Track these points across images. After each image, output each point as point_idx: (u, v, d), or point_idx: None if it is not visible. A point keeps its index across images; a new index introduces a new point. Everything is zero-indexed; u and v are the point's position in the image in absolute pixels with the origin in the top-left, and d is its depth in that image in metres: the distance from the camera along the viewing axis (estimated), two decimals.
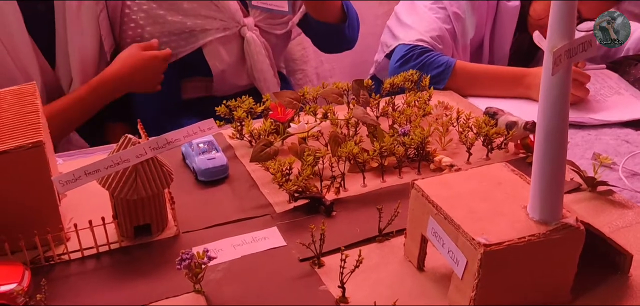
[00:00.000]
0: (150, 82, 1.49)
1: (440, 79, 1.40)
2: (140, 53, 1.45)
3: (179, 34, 1.47)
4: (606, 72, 1.51)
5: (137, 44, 1.47)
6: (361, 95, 1.18)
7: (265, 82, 1.55)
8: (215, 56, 1.50)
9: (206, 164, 1.05)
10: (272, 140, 1.04)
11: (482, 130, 1.09)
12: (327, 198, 0.98)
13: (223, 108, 1.16)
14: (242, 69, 1.55)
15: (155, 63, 1.46)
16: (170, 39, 1.47)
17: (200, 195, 1.03)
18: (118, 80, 1.44)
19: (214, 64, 1.51)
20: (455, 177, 0.84)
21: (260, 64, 1.52)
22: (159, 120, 1.50)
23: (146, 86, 1.49)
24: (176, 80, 1.55)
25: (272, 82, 1.56)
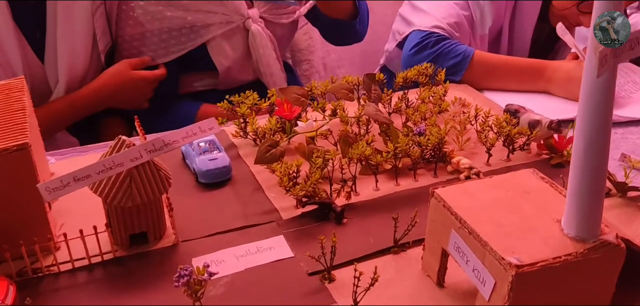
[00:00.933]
0: (136, 101, 1.43)
1: (457, 70, 1.33)
2: (128, 73, 1.39)
3: (180, 30, 1.38)
4: (630, 65, 1.43)
5: (128, 61, 1.40)
6: (373, 90, 1.11)
7: (271, 76, 1.47)
8: (219, 52, 1.42)
9: (207, 165, 0.98)
10: (278, 140, 0.97)
11: (503, 130, 1.02)
12: (338, 204, 0.91)
13: (225, 104, 1.09)
14: (247, 64, 1.48)
15: (144, 84, 1.40)
16: (171, 36, 1.39)
17: (200, 198, 0.96)
18: (100, 97, 1.39)
19: (219, 60, 1.43)
20: (479, 184, 0.77)
21: (266, 58, 1.45)
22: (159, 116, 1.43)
23: (131, 105, 1.43)
24: (177, 75, 1.47)
25: (279, 76, 1.48)
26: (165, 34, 1.38)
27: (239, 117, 1.08)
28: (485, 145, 1.02)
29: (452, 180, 1.00)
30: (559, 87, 1.28)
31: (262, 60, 1.46)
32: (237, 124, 1.09)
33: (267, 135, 1.02)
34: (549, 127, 1.03)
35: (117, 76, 1.39)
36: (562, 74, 1.27)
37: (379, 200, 0.95)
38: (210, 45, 1.41)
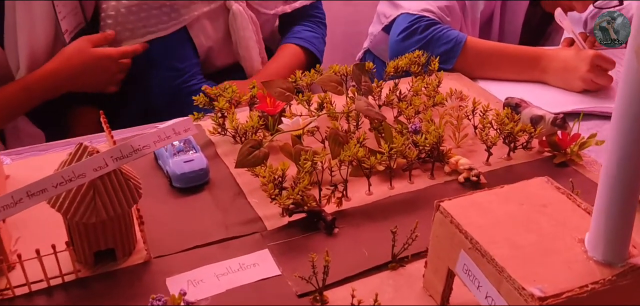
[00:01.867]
0: (101, 83, 1.28)
1: (449, 58, 1.24)
2: (88, 50, 1.24)
3: (160, 9, 1.27)
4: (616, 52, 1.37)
5: (88, 38, 1.25)
6: (363, 82, 1.02)
7: (250, 60, 1.37)
8: (201, 31, 1.32)
9: (182, 168, 0.88)
10: (260, 139, 0.88)
11: (504, 127, 0.94)
12: (328, 212, 0.82)
13: (202, 97, 0.99)
14: (227, 46, 1.37)
15: (108, 62, 1.26)
16: (150, 15, 1.27)
17: (175, 205, 0.87)
18: (58, 80, 1.23)
19: (201, 40, 1.32)
20: (489, 197, 0.69)
21: (245, 41, 1.35)
22: None
23: (96, 87, 1.29)
24: None
25: (258, 61, 1.39)
26: (144, 12, 1.25)
27: (217, 112, 0.98)
28: (485, 143, 0.94)
29: (451, 181, 0.92)
30: (555, 77, 1.21)
31: (241, 43, 1.36)
32: (215, 120, 0.99)
33: (248, 134, 0.93)
34: (554, 123, 0.95)
35: (75, 55, 1.24)
36: (559, 64, 1.20)
37: (373, 205, 0.87)
38: (191, 25, 1.30)
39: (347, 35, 1.91)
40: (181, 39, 1.30)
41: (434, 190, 0.90)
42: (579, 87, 1.18)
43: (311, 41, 1.47)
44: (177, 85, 1.30)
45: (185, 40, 1.31)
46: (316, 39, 1.50)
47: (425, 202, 0.87)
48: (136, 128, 1.08)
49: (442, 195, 0.89)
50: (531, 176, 0.94)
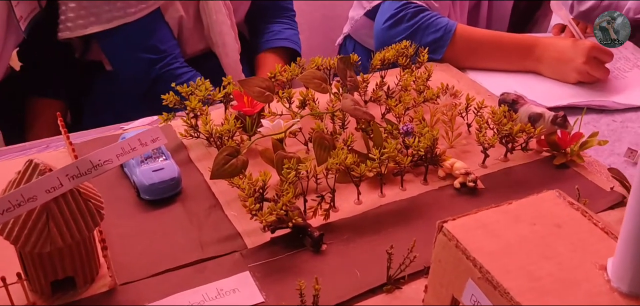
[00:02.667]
0: None
1: (438, 47, 1.17)
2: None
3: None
4: None
5: None
6: (348, 77, 0.93)
7: (224, 46, 1.27)
8: (175, 13, 1.21)
9: (151, 178, 0.79)
10: (238, 145, 0.79)
11: (502, 128, 0.87)
12: (314, 227, 0.74)
13: (172, 96, 0.90)
14: (200, 31, 1.27)
15: None
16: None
17: (143, 220, 0.78)
18: None
19: (173, 22, 1.22)
20: (497, 215, 0.62)
21: (219, 26, 1.25)
22: None
23: None
24: None
25: (232, 47, 1.28)
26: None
27: (189, 112, 0.89)
28: (482, 145, 0.88)
29: (445, 187, 0.85)
30: (549, 68, 1.15)
31: (214, 28, 1.26)
32: (187, 121, 0.89)
33: (224, 139, 0.84)
34: (554, 121, 0.89)
35: None
36: (553, 53, 1.14)
37: (363, 217, 0.79)
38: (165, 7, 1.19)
39: (326, 19, 1.82)
40: (157, 19, 1.20)
41: (428, 197, 0.83)
42: (574, 79, 1.12)
43: (294, 40, 1.39)
44: (159, 68, 1.20)
45: (162, 22, 1.21)
46: (296, 36, 1.41)
47: (419, 211, 0.80)
48: (100, 129, 0.98)
49: (436, 202, 0.82)
50: (530, 179, 0.88)
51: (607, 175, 0.89)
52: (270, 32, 1.39)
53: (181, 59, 1.23)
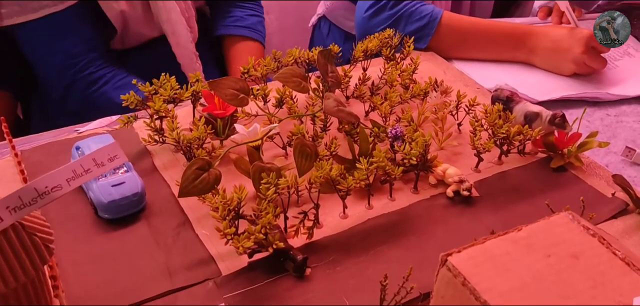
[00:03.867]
0: None
1: (423, 35, 1.09)
2: None
3: None
4: None
5: None
6: (329, 73, 0.85)
7: (173, 35, 1.14)
8: (115, 7, 1.08)
9: (110, 194, 0.70)
10: (209, 159, 0.70)
11: (498, 130, 0.80)
12: (296, 249, 0.67)
13: (132, 95, 0.80)
14: (150, 18, 1.14)
15: None
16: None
17: (103, 243, 0.69)
18: None
19: (115, 11, 1.09)
20: (506, 245, 0.55)
21: (166, 12, 1.11)
22: None
23: None
24: None
25: (183, 36, 1.14)
26: None
27: (152, 115, 0.79)
28: (477, 149, 0.81)
29: (437, 196, 0.78)
30: (543, 58, 1.08)
31: (161, 15, 1.12)
32: (150, 125, 0.80)
33: (193, 147, 0.75)
34: (552, 122, 0.83)
35: None
36: (548, 44, 1.07)
37: (349, 233, 0.72)
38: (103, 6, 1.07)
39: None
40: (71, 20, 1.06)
41: (419, 208, 0.76)
42: (569, 70, 1.06)
43: (258, 29, 1.29)
44: (72, 74, 1.08)
45: (81, 21, 1.08)
46: (261, 24, 1.31)
47: (411, 225, 0.73)
48: (51, 133, 0.87)
49: (428, 214, 0.75)
50: (527, 184, 0.82)
51: (606, 177, 0.83)
52: (232, 16, 1.28)
53: (99, 62, 1.10)
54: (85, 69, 1.07)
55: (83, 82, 1.07)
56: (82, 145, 0.75)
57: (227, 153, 0.76)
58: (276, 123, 0.78)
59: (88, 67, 1.07)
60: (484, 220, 0.75)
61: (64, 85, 1.09)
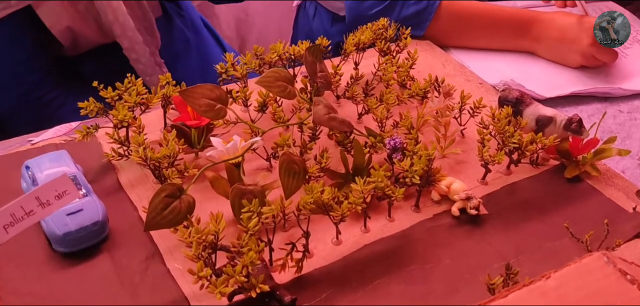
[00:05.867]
0: None
1: (420, 21, 0.99)
2: None
3: None
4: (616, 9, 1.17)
5: None
6: (319, 72, 0.75)
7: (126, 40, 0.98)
8: (51, 12, 0.93)
9: (66, 225, 0.60)
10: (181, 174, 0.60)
11: (509, 140, 0.71)
12: (283, 288, 0.58)
13: (92, 102, 0.69)
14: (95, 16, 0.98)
15: None
16: None
17: (58, 281, 0.59)
18: None
19: (52, 22, 0.94)
20: (535, 298, 0.46)
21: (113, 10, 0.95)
22: None
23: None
24: None
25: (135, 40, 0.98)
26: None
27: (116, 126, 0.69)
28: (484, 159, 0.72)
29: (441, 214, 0.70)
30: (548, 48, 0.99)
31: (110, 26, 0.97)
32: (114, 137, 0.69)
33: (163, 167, 0.65)
34: (567, 127, 0.74)
35: None
36: (554, 32, 0.97)
37: (343, 263, 0.63)
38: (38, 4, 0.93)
39: None
40: (18, 26, 0.93)
41: (421, 229, 0.68)
42: (576, 62, 0.97)
43: None
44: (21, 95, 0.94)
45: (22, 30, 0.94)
46: None
47: (413, 252, 0.65)
48: (1, 143, 0.77)
49: (432, 237, 0.67)
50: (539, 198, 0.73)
51: (624, 187, 0.75)
52: None
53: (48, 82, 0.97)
54: (31, 92, 0.94)
55: (31, 107, 0.94)
56: (33, 165, 0.64)
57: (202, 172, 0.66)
58: (259, 137, 0.68)
59: (35, 89, 0.94)
60: (493, 243, 0.66)
61: (9, 108, 0.96)
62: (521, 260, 0.64)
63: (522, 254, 0.65)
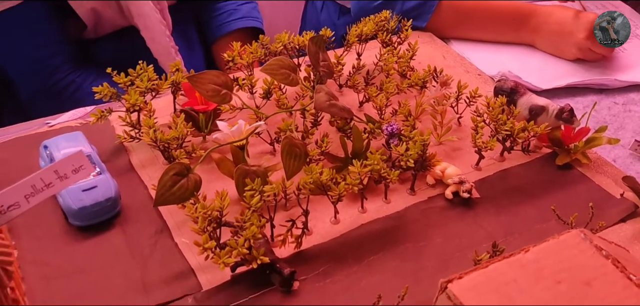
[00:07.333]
0: None
1: (421, 13, 1.02)
2: None
3: None
4: (616, 3, 1.19)
5: None
6: (321, 62, 0.79)
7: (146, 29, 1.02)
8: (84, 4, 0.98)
9: (81, 200, 0.64)
10: (188, 155, 0.64)
11: (502, 127, 0.75)
12: (283, 261, 0.62)
13: (105, 87, 0.73)
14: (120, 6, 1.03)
15: None
16: None
17: (73, 253, 0.63)
18: None
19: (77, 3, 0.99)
20: (512, 270, 0.50)
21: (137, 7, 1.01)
22: None
23: None
24: None
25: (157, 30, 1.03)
26: None
27: (128, 109, 0.73)
28: (480, 147, 0.75)
29: (435, 197, 0.73)
30: (546, 41, 1.02)
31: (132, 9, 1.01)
32: (126, 120, 0.74)
33: (172, 148, 0.69)
34: (559, 116, 0.77)
35: None
36: (552, 26, 1.00)
37: (341, 240, 0.67)
38: None
39: None
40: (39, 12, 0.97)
41: (416, 211, 0.71)
42: (572, 55, 1.00)
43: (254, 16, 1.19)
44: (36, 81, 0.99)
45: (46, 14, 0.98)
46: (255, 9, 1.21)
47: (407, 231, 0.68)
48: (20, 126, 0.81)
49: (426, 218, 0.70)
50: (530, 183, 0.76)
51: (613, 175, 0.78)
52: (224, 12, 1.18)
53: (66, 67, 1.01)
54: (51, 76, 0.99)
55: (51, 91, 0.99)
56: (50, 145, 0.69)
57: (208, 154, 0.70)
58: (262, 121, 0.72)
59: (54, 73, 0.99)
60: (484, 225, 0.70)
61: (29, 91, 1.01)
62: (509, 240, 0.67)
63: (511, 235, 0.68)
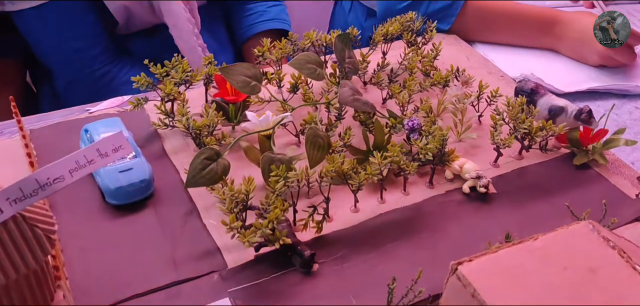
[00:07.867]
0: None
1: (446, 15, 1.05)
2: None
3: None
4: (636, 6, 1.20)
5: None
6: (347, 58, 0.82)
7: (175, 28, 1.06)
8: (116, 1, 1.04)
9: (118, 180, 0.69)
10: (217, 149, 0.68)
11: (520, 125, 0.77)
12: (304, 244, 0.65)
13: (143, 77, 0.78)
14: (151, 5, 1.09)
15: None
16: None
17: (109, 229, 0.68)
18: None
19: (117, 11, 1.05)
20: (521, 255, 0.52)
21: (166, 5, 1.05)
22: None
23: None
24: None
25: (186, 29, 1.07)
26: None
27: (163, 98, 0.78)
28: (498, 145, 0.77)
29: (453, 191, 0.76)
30: (569, 47, 1.03)
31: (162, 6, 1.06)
32: (161, 109, 0.78)
33: (203, 135, 0.73)
34: (577, 117, 0.79)
35: None
36: (575, 33, 1.02)
37: (360, 227, 0.70)
38: None
39: None
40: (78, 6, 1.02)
41: (433, 203, 0.74)
42: (594, 61, 1.01)
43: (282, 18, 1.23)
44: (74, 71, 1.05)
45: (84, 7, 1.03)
46: (284, 11, 1.26)
47: (424, 222, 0.71)
48: (61, 112, 0.87)
49: (443, 211, 0.73)
50: (547, 181, 0.79)
51: (631, 176, 0.79)
52: (254, 13, 1.23)
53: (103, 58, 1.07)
54: (88, 66, 1.05)
55: (87, 80, 1.05)
56: (91, 129, 0.74)
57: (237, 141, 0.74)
58: (289, 113, 0.76)
59: (91, 64, 1.05)
60: (499, 219, 0.72)
61: (67, 80, 1.07)
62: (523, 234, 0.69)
63: (525, 230, 0.70)
